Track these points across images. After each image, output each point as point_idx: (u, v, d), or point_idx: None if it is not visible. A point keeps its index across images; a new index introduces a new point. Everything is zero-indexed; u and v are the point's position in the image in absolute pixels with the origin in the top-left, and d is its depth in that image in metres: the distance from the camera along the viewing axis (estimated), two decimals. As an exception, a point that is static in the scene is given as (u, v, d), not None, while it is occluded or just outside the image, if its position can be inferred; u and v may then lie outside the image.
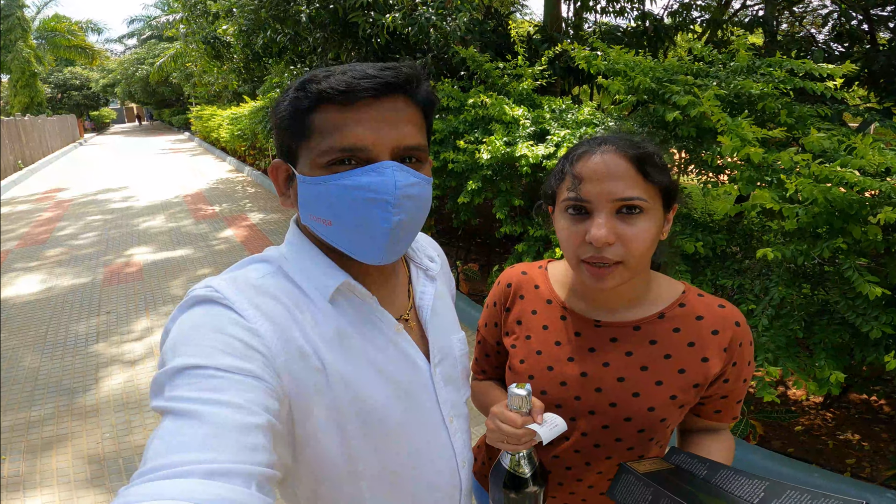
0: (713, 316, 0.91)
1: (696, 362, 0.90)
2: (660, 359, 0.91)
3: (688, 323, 0.91)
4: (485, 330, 1.12)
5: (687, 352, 0.90)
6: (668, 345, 0.91)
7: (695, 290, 0.96)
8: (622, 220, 0.81)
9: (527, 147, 3.04)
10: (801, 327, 2.04)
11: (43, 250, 6.85)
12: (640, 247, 0.81)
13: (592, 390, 0.93)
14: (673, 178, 0.86)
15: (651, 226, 0.82)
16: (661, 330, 0.91)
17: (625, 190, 0.80)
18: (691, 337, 0.90)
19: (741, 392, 0.96)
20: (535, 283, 1.04)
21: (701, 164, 2.61)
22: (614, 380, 0.92)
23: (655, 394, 0.90)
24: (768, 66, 2.56)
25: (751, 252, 2.46)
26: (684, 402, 0.91)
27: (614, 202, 0.80)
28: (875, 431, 2.74)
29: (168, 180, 12.37)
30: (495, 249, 5.34)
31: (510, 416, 0.83)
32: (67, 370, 3.77)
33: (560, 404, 0.95)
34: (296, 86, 0.71)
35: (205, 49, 6.82)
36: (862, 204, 1.85)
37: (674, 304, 0.93)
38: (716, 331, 0.90)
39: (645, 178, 0.80)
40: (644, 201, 0.80)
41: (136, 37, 31.19)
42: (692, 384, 0.90)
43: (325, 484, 0.77)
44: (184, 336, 0.63)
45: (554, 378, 0.95)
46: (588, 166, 0.82)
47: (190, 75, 17.59)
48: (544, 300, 1.01)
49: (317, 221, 0.74)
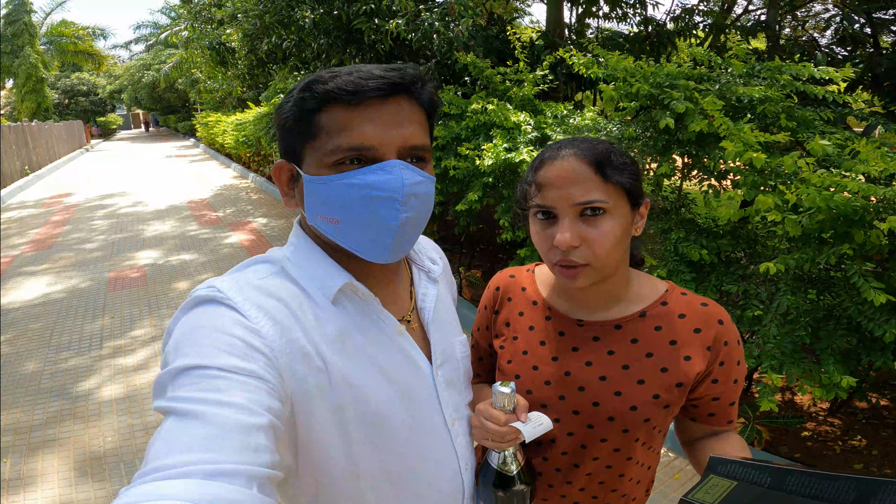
0: (695, 314, 0.91)
1: (678, 361, 0.89)
2: (641, 357, 0.91)
3: (669, 321, 0.91)
4: (477, 334, 1.14)
5: (669, 350, 0.90)
6: (649, 343, 0.91)
7: (679, 289, 0.96)
8: (586, 222, 0.83)
9: (527, 152, 3.05)
10: (807, 333, 2.03)
11: (49, 255, 6.89)
12: (604, 247, 0.82)
13: (576, 389, 0.93)
14: (638, 177, 0.88)
15: (615, 225, 0.83)
16: (642, 328, 0.92)
17: (584, 194, 0.82)
18: (673, 335, 0.90)
19: (733, 394, 0.95)
20: (521, 285, 1.06)
21: (703, 169, 2.60)
22: (597, 378, 0.92)
23: (637, 393, 0.90)
24: (768, 70, 2.56)
25: (756, 257, 2.45)
26: (669, 402, 0.90)
27: (575, 206, 0.82)
28: (883, 437, 2.72)
29: (173, 186, 12.45)
30: (498, 255, 5.34)
31: (494, 413, 0.85)
32: (71, 373, 3.78)
33: (545, 404, 0.95)
34: (301, 86, 0.71)
35: (209, 55, 6.87)
36: (866, 209, 1.84)
37: (656, 303, 0.93)
38: (698, 329, 0.90)
39: (605, 180, 0.82)
40: (605, 202, 0.82)
41: (143, 43, 31.43)
42: (675, 383, 0.89)
43: (326, 485, 0.77)
44: (186, 336, 0.63)
45: (539, 377, 0.95)
46: (549, 173, 0.85)
47: (195, 81, 17.71)
48: (530, 301, 1.03)
49: (323, 221, 0.74)
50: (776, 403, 2.00)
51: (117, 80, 33.22)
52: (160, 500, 0.45)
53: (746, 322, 2.19)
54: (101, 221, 8.82)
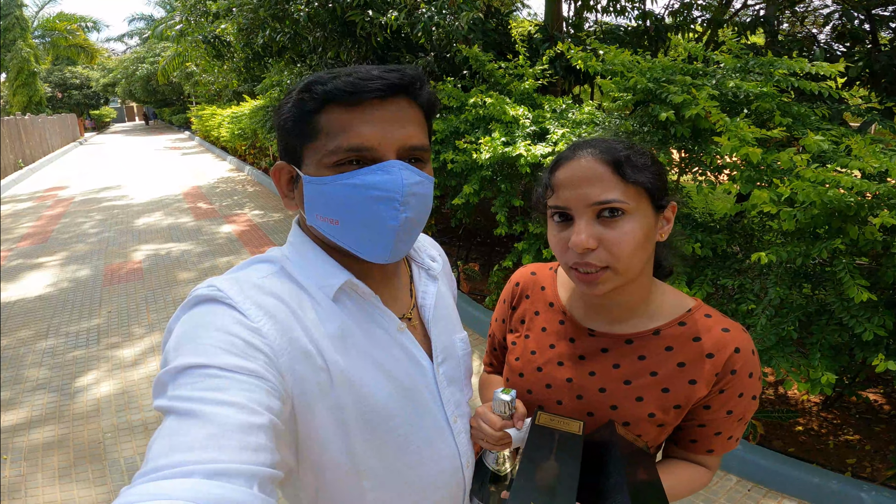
0: (712, 339, 0.87)
1: (682, 383, 0.87)
2: (645, 375, 0.88)
3: (682, 343, 0.88)
4: (495, 325, 1.14)
5: (675, 372, 0.87)
6: (656, 362, 0.88)
7: (706, 308, 0.91)
8: (604, 224, 0.79)
9: (524, 146, 3.05)
10: (794, 327, 2.04)
11: (44, 249, 6.86)
12: (625, 249, 0.78)
13: (574, 397, 0.93)
14: (661, 177, 0.84)
15: (636, 227, 0.79)
16: (652, 346, 0.89)
17: (601, 193, 0.78)
18: (683, 357, 0.87)
19: (722, 425, 0.90)
20: (541, 284, 1.05)
21: (700, 163, 2.61)
22: (596, 390, 0.91)
23: (633, 409, 0.88)
24: (761, 65, 2.56)
25: (751, 252, 2.46)
26: (663, 422, 0.88)
27: (592, 206, 0.79)
28: (876, 432, 2.74)
29: (168, 179, 12.38)
30: (496, 249, 5.35)
31: (491, 417, 0.87)
32: (69, 369, 3.77)
33: (543, 406, 0.95)
34: (300, 88, 0.72)
35: (205, 48, 6.82)
36: (860, 205, 1.85)
37: (673, 322, 0.89)
38: (710, 354, 0.86)
39: (624, 180, 0.79)
40: (624, 203, 0.78)
41: (137, 35, 31.18)
42: (673, 405, 0.87)
43: (328, 483, 0.77)
44: (186, 335, 0.63)
45: (541, 379, 0.96)
46: (565, 173, 0.82)
47: (190, 74, 17.59)
48: (547, 303, 1.02)
49: (324, 221, 0.74)
50: (763, 391, 2.01)
51: (111, 74, 32.93)
52: (161, 499, 0.45)
53: (741, 316, 2.21)
54: (96, 215, 8.78)
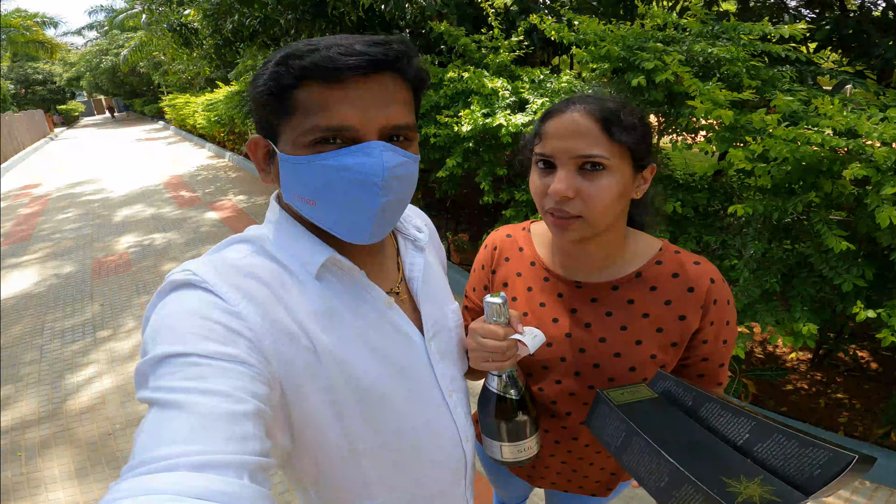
0: (688, 273, 0.91)
1: (673, 321, 0.91)
2: (638, 318, 0.92)
3: (664, 281, 0.92)
4: (473, 294, 1.13)
5: (664, 310, 0.91)
6: (644, 304, 0.92)
7: (672, 247, 0.96)
8: (584, 176, 0.83)
9: (504, 117, 3.09)
10: (777, 280, 2.09)
11: (27, 247, 6.74)
12: (598, 203, 0.82)
13: (577, 351, 0.95)
14: (646, 139, 0.87)
15: (613, 183, 0.82)
16: (637, 289, 0.93)
17: (587, 147, 0.81)
18: (668, 295, 0.91)
19: (722, 355, 0.95)
20: (519, 245, 1.06)
21: (677, 125, 2.66)
22: (596, 340, 0.94)
23: (635, 353, 0.91)
24: (727, 30, 2.61)
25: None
26: (664, 362, 0.92)
27: (576, 158, 0.82)
28: (865, 390, 2.79)
29: (147, 169, 12.12)
30: (483, 218, 5.39)
31: (491, 328, 0.83)
32: (68, 364, 3.76)
33: (546, 365, 0.97)
34: (276, 59, 0.65)
35: (171, 37, 6.65)
36: (832, 160, 1.90)
37: (650, 262, 0.93)
38: (691, 288, 0.90)
39: (610, 138, 0.81)
40: (606, 159, 0.81)
41: (96, 28, 30.13)
42: (670, 343, 0.91)
43: (327, 465, 0.76)
44: (164, 323, 0.60)
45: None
46: (556, 124, 0.85)
47: (159, 64, 17.11)
48: (528, 262, 1.03)
49: (300, 201, 0.71)
50: (744, 351, 2.07)
51: (73, 68, 31.94)
52: (147, 494, 0.44)
53: (725, 271, 2.28)
54: (75, 210, 8.61)
